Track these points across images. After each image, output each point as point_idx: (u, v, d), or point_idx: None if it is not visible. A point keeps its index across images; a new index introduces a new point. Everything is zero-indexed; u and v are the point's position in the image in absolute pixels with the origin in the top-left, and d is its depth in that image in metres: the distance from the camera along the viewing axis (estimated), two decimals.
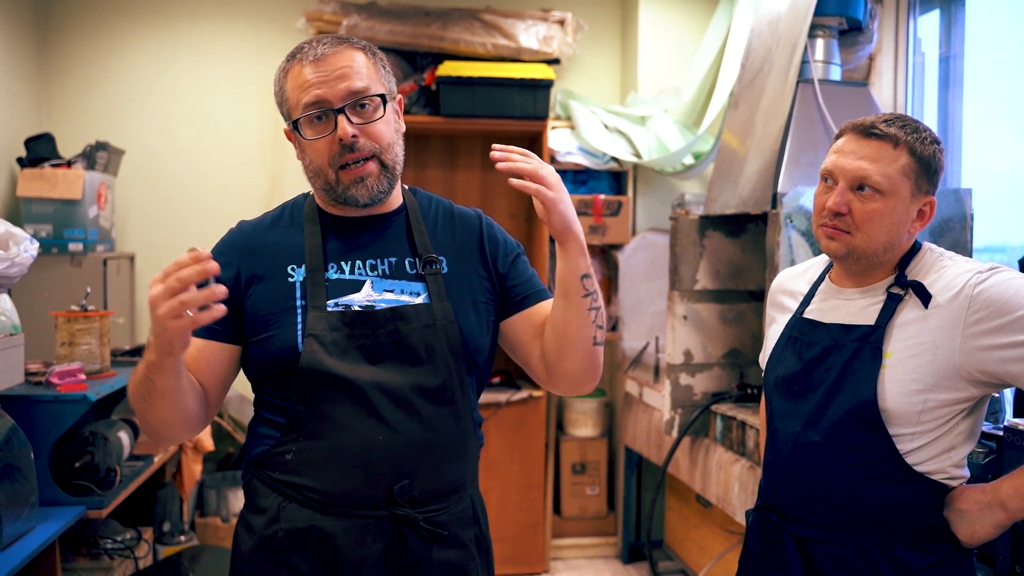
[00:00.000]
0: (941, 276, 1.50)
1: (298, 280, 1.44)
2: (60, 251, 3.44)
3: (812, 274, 1.72)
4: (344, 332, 1.41)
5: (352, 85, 1.41)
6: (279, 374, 1.42)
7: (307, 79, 1.41)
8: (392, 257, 1.49)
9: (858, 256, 1.53)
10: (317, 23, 3.88)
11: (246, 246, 1.49)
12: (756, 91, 3.03)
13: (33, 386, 2.49)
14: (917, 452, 1.48)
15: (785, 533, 1.57)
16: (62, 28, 3.98)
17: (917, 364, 1.46)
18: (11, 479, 2.16)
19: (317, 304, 1.42)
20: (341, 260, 1.47)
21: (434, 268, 1.49)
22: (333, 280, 1.45)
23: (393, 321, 1.42)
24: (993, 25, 3.12)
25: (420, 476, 1.42)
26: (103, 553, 2.84)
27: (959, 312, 1.45)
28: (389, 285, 1.46)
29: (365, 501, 1.40)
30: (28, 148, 3.59)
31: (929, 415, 1.47)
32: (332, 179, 1.43)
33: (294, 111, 1.43)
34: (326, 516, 1.40)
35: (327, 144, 1.41)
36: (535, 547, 3.93)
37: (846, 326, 1.56)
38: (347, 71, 1.41)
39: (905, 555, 1.49)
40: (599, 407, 4.20)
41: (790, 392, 1.61)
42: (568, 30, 4.03)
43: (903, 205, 1.51)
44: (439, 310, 1.45)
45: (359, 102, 1.41)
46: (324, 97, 1.40)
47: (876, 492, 1.49)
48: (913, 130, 1.51)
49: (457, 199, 4.21)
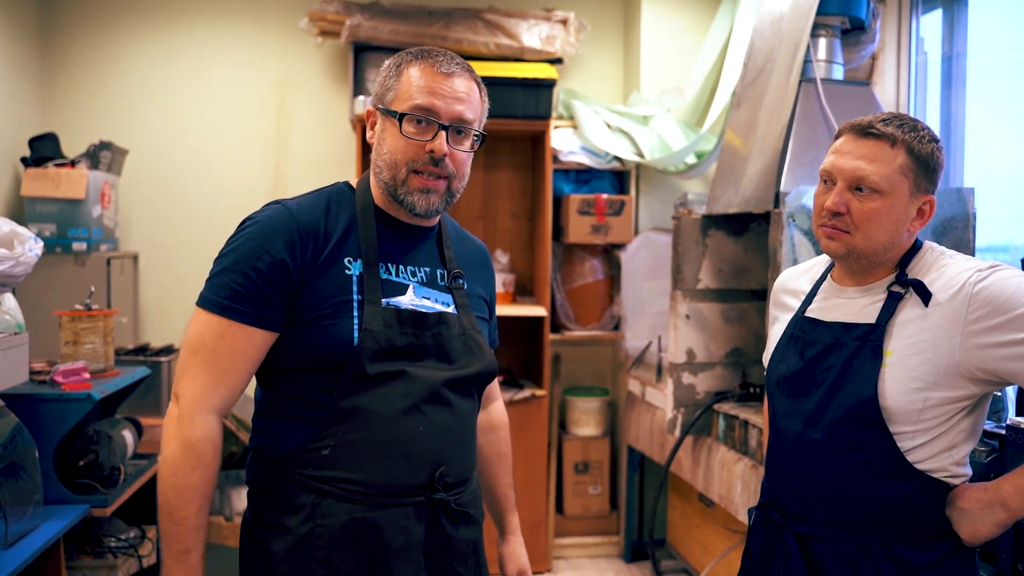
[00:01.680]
0: (942, 274, 1.50)
1: (355, 273, 1.48)
2: (64, 250, 3.44)
3: (814, 273, 1.73)
4: (397, 329, 1.47)
5: (465, 114, 1.49)
6: (328, 364, 1.45)
7: (431, 85, 1.47)
8: (427, 267, 1.58)
9: (858, 256, 1.54)
10: (320, 23, 3.89)
11: (302, 229, 1.47)
12: (759, 90, 3.03)
13: (38, 385, 2.50)
14: (918, 450, 1.48)
15: (787, 531, 1.58)
16: (66, 28, 3.99)
17: (918, 362, 1.47)
18: (16, 477, 2.17)
19: (373, 299, 1.47)
20: (388, 262, 1.53)
21: (460, 283, 1.61)
22: (384, 280, 1.51)
23: (439, 324, 1.52)
24: (996, 24, 3.12)
25: (451, 463, 1.51)
26: (107, 551, 2.84)
27: (959, 310, 1.45)
28: (426, 292, 1.55)
29: (407, 489, 1.47)
30: (32, 148, 3.60)
31: (930, 413, 1.47)
32: (402, 177, 1.49)
33: (400, 103, 1.48)
34: (369, 508, 1.45)
35: (417, 147, 1.47)
36: (538, 546, 3.94)
37: (847, 324, 1.56)
38: (466, 98, 1.50)
39: (907, 553, 1.49)
40: (602, 406, 4.21)
41: (791, 390, 1.61)
42: (571, 30, 4.03)
43: (902, 204, 1.51)
44: (466, 321, 1.58)
45: (461, 128, 1.50)
46: (438, 109, 1.47)
47: (877, 490, 1.50)
48: (911, 129, 1.52)
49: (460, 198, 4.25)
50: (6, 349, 2.28)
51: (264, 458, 1.51)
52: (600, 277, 4.12)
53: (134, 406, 3.11)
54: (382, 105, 1.52)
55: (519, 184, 4.34)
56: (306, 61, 4.16)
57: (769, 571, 1.62)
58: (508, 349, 4.34)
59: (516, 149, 4.33)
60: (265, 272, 1.43)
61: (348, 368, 1.44)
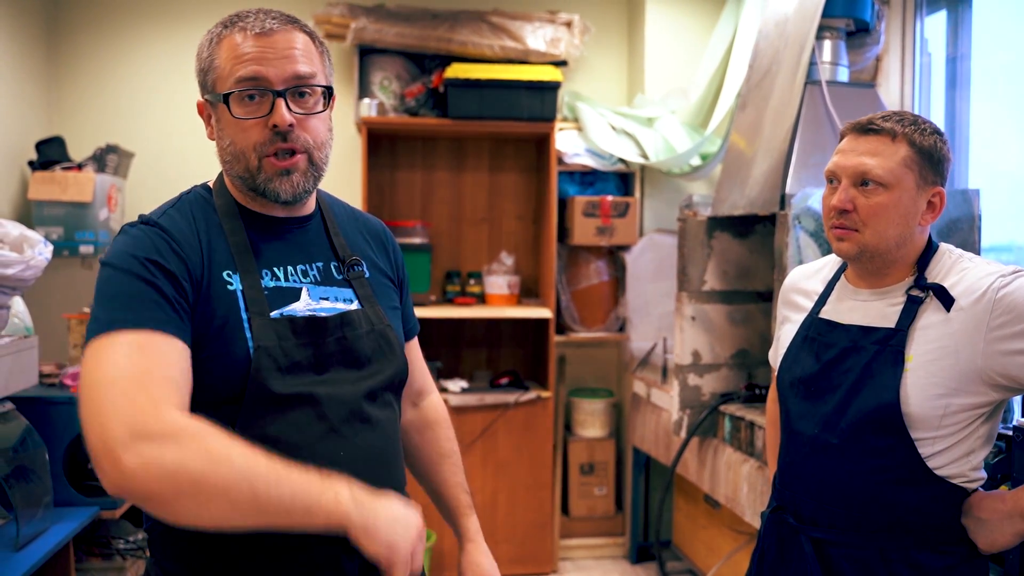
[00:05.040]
0: (962, 279, 1.49)
1: (237, 288, 1.27)
2: (71, 253, 3.46)
3: (826, 273, 1.71)
4: (293, 342, 1.27)
5: (298, 69, 1.27)
6: (229, 396, 1.22)
7: (247, 51, 1.25)
8: (319, 262, 1.37)
9: (871, 254, 1.53)
10: (325, 26, 3.90)
11: (188, 247, 1.26)
12: (764, 92, 3.04)
13: (47, 388, 2.51)
14: (938, 456, 1.47)
15: (802, 535, 1.56)
16: (72, 32, 4.00)
17: (939, 368, 1.46)
18: (27, 480, 2.18)
19: (260, 312, 1.26)
20: (274, 266, 1.32)
21: (357, 271, 1.40)
22: (271, 288, 1.30)
23: (341, 328, 1.32)
24: (1000, 25, 3.12)
25: (380, 485, 1.24)
26: (115, 553, 2.86)
27: (982, 316, 1.44)
28: (323, 292, 1.35)
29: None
30: (39, 151, 3.61)
31: (951, 419, 1.46)
32: (254, 166, 1.27)
33: (222, 83, 1.27)
34: (292, 551, 1.22)
35: (257, 127, 1.26)
36: (543, 547, 3.94)
37: (865, 328, 1.55)
38: (294, 53, 1.27)
39: (923, 558, 1.49)
40: (607, 408, 4.21)
41: (807, 393, 1.60)
42: (575, 32, 4.04)
43: (909, 197, 1.50)
44: (372, 314, 1.38)
45: (300, 89, 1.28)
46: (264, 75, 1.25)
47: (896, 495, 1.49)
48: (911, 123, 1.52)
49: (465, 201, 4.29)
50: (16, 352, 2.29)
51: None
52: (605, 279, 4.13)
53: None
54: (206, 93, 1.31)
55: (524, 186, 4.35)
56: None
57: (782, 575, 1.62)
58: (513, 351, 4.35)
59: (521, 151, 4.34)
60: (158, 284, 1.19)
61: (247, 394, 1.21)
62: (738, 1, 3.98)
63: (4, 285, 2.17)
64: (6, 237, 2.25)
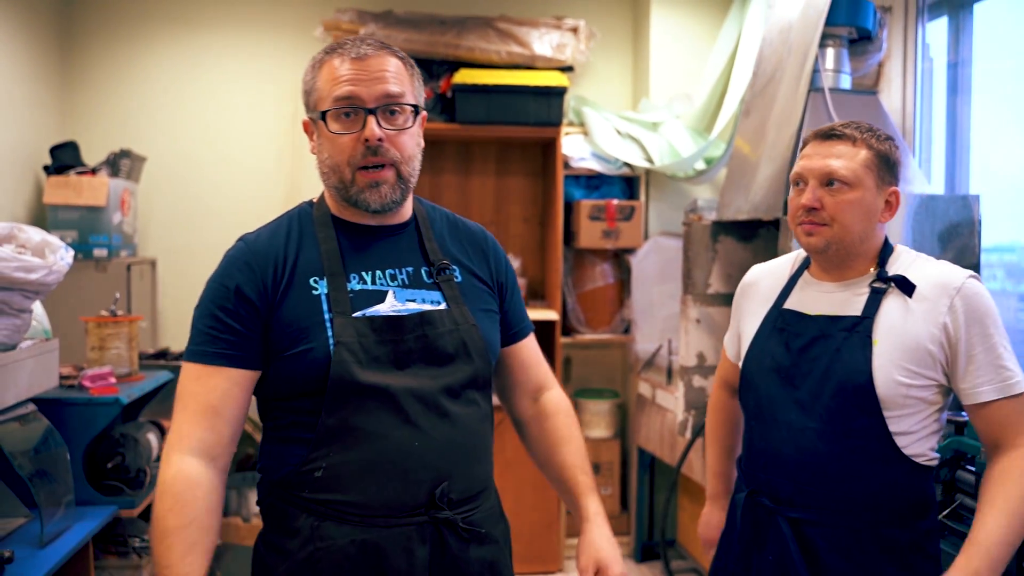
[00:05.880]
0: (922, 271, 1.64)
1: (323, 292, 1.42)
2: (85, 257, 3.50)
3: (784, 270, 1.83)
4: (373, 339, 1.40)
5: (388, 89, 1.41)
6: (311, 389, 1.39)
7: (344, 74, 1.40)
8: (409, 267, 1.49)
9: (837, 248, 1.65)
10: (335, 32, 3.95)
11: (264, 261, 1.44)
12: (768, 99, 3.09)
13: (66, 389, 2.56)
14: (904, 436, 1.60)
15: (779, 516, 1.66)
16: (85, 39, 4.06)
17: (903, 352, 1.58)
18: (49, 479, 2.23)
19: (342, 311, 1.40)
20: (361, 270, 1.46)
21: (447, 275, 1.51)
22: (357, 291, 1.43)
23: (421, 326, 1.43)
24: (1001, 31, 3.17)
25: (456, 478, 1.42)
26: (131, 551, 2.90)
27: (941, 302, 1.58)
28: (410, 295, 1.46)
29: (406, 508, 1.40)
30: (53, 156, 3.67)
31: (913, 399, 1.59)
32: (347, 178, 1.42)
33: (322, 103, 1.42)
34: (369, 529, 1.38)
35: (351, 142, 1.40)
36: (550, 546, 3.99)
37: (832, 317, 1.67)
38: (385, 75, 1.41)
39: (891, 533, 1.61)
40: (612, 408, 4.26)
41: (780, 381, 1.70)
42: (581, 38, 4.09)
43: (871, 195, 1.64)
44: (459, 314, 1.47)
45: (391, 107, 1.41)
46: (358, 94, 1.40)
47: (869, 474, 1.60)
48: (868, 130, 1.68)
49: (472, 204, 4.33)
50: (39, 355, 2.34)
51: (266, 480, 1.48)
52: (610, 281, 4.18)
53: (155, 410, 3.17)
54: (309, 112, 1.46)
55: (530, 190, 4.40)
56: None
57: (759, 556, 1.70)
58: None
59: (527, 155, 4.39)
60: (231, 310, 1.41)
61: (329, 386, 1.37)
62: (742, 7, 4.03)
63: (27, 290, 2.22)
64: (28, 242, 2.30)
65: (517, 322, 1.64)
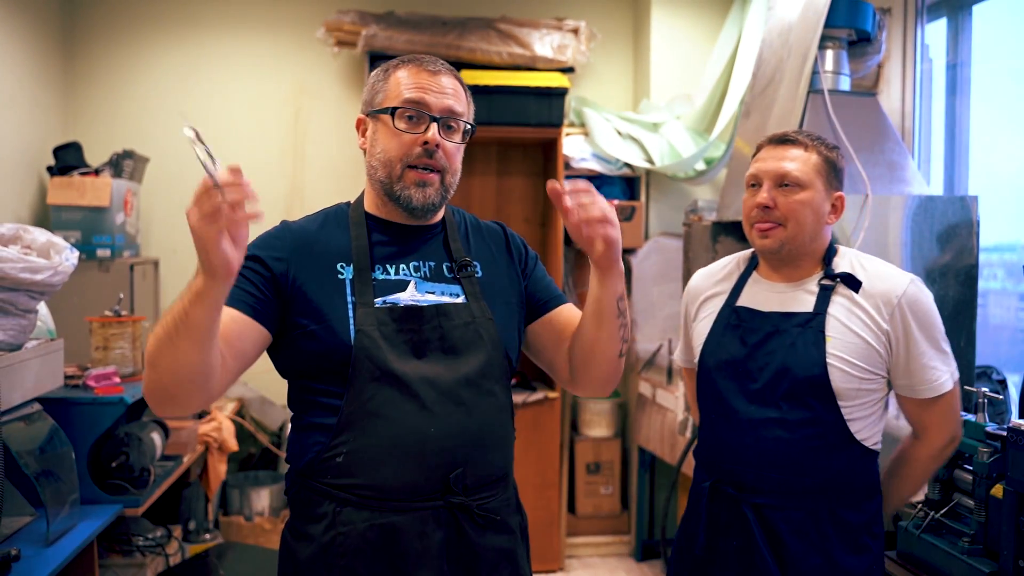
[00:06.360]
0: (865, 269, 1.77)
1: (348, 277, 1.50)
2: (88, 257, 3.52)
3: (731, 271, 1.93)
4: (393, 327, 1.47)
5: (453, 106, 1.53)
6: (329, 367, 1.46)
7: (419, 82, 1.52)
8: (432, 261, 1.57)
9: (789, 247, 1.77)
10: (336, 33, 3.97)
11: (296, 242, 1.53)
12: (768, 100, 3.10)
13: (71, 389, 2.58)
14: (857, 422, 1.73)
15: (744, 504, 1.75)
16: (88, 40, 4.08)
17: (853, 349, 1.71)
18: (54, 478, 2.25)
19: (365, 301, 1.48)
20: (387, 263, 1.54)
21: (468, 271, 1.58)
22: (379, 280, 1.52)
23: (438, 317, 1.50)
24: (1000, 33, 3.18)
25: (471, 465, 1.48)
26: (135, 550, 2.93)
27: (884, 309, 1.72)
28: (430, 287, 1.54)
29: (422, 493, 1.45)
30: (56, 157, 3.68)
31: (864, 391, 1.73)
32: (397, 173, 1.51)
33: (390, 101, 1.52)
34: (386, 513, 1.44)
35: (411, 141, 1.50)
36: (551, 545, 4.01)
37: (785, 314, 1.78)
38: (454, 93, 1.55)
39: (846, 515, 1.74)
40: (613, 408, 4.28)
41: (736, 374, 1.79)
42: (582, 39, 4.11)
43: (821, 197, 1.77)
44: (476, 308, 1.54)
45: (451, 121, 1.53)
46: (427, 102, 1.51)
47: (826, 460, 1.72)
48: (817, 138, 1.81)
49: (473, 204, 4.35)
50: (44, 355, 2.36)
51: (292, 470, 1.54)
52: None
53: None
54: (372, 108, 1.56)
55: (532, 190, 4.41)
56: (323, 70, 4.25)
57: (723, 542, 1.77)
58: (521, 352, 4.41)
59: (528, 156, 4.41)
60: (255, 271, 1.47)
61: (351, 371, 1.44)
62: (742, 8, 4.05)
63: (33, 290, 2.24)
64: (33, 243, 2.32)
65: (547, 294, 1.68)
